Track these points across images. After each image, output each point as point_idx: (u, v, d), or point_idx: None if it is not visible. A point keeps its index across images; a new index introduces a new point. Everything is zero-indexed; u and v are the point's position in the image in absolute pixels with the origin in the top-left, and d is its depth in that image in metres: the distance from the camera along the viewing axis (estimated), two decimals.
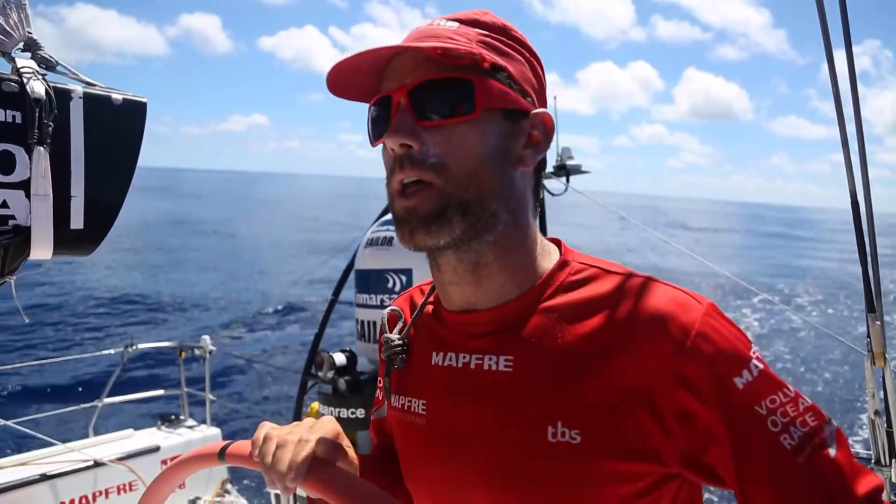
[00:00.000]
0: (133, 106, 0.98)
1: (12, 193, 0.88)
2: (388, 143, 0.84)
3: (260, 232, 47.95)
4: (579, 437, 0.80)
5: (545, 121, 0.89)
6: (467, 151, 0.82)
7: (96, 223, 0.96)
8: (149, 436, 4.91)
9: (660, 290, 0.83)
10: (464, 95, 0.81)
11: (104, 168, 0.95)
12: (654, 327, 0.80)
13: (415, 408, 0.96)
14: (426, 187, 0.82)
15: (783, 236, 70.33)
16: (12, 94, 0.87)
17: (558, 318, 0.85)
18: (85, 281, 23.02)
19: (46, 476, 4.04)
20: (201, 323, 18.33)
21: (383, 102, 0.86)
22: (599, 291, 0.86)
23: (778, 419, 0.78)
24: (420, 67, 0.82)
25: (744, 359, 0.80)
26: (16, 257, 0.90)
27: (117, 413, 9.24)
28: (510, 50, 0.88)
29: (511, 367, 0.86)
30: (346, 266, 4.38)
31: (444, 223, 0.82)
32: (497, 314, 0.89)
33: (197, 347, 5.41)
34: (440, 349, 0.94)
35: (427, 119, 0.82)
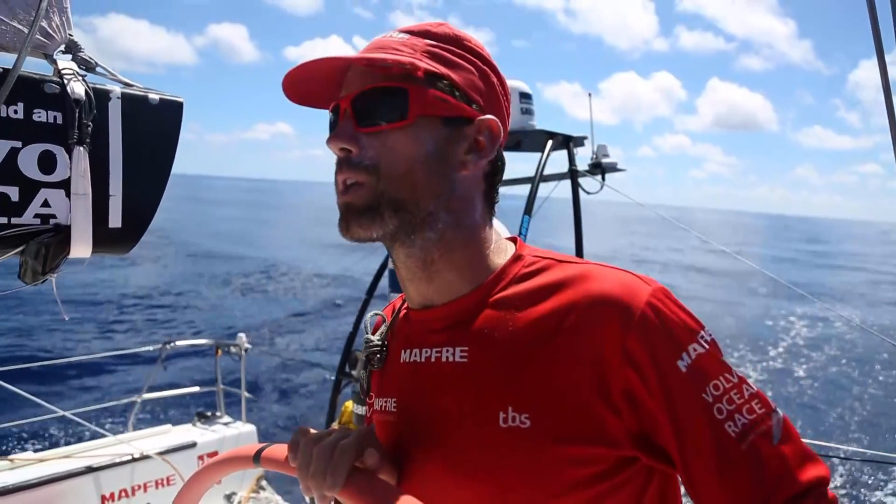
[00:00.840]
0: (169, 106, 0.99)
1: (53, 193, 0.89)
2: (330, 147, 0.90)
3: (290, 236, 48.49)
4: (529, 422, 0.82)
5: (491, 126, 0.91)
6: (400, 155, 0.86)
7: (134, 222, 0.97)
8: (185, 431, 5.00)
9: (609, 274, 0.86)
10: (399, 103, 0.86)
11: (141, 167, 0.96)
12: (601, 308, 0.82)
13: (388, 407, 1.00)
14: (360, 186, 0.87)
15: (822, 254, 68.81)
16: (53, 95, 0.89)
17: (510, 308, 0.89)
18: (124, 278, 23.54)
19: (88, 469, 4.14)
20: (237, 321, 18.60)
21: (335, 110, 0.92)
22: (550, 280, 0.89)
23: (724, 406, 0.80)
24: (364, 77, 0.88)
25: (687, 340, 0.82)
26: (56, 256, 0.92)
27: (155, 408, 9.43)
28: (458, 59, 0.91)
29: (466, 357, 0.90)
30: (381, 265, 4.40)
31: (376, 217, 0.86)
32: (451, 309, 0.93)
33: (233, 345, 5.49)
34: (407, 346, 0.99)
35: (366, 125, 0.87)
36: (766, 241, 77.87)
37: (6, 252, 0.91)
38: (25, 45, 0.86)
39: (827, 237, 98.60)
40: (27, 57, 0.87)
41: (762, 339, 19.25)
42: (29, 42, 0.86)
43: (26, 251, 0.91)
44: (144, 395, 5.32)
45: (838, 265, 50.04)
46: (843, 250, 70.26)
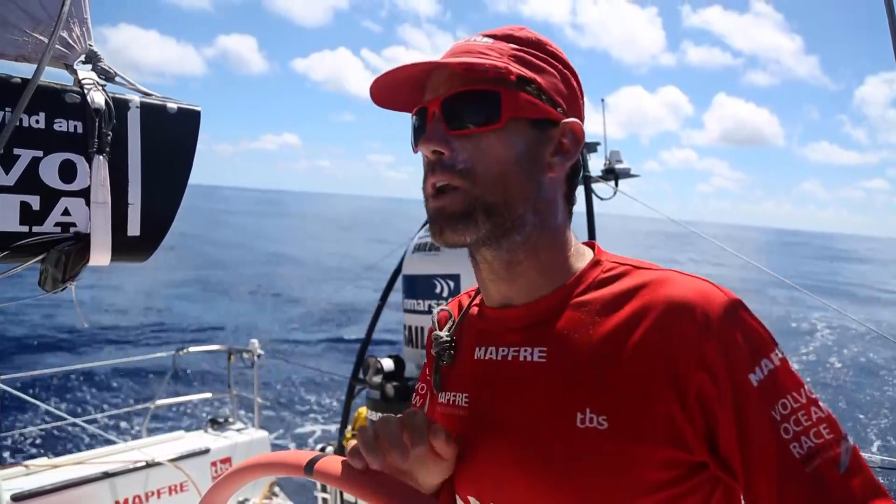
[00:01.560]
0: (187, 114, 1.00)
1: (73, 201, 0.90)
2: (422, 150, 0.91)
3: (300, 245, 48.66)
4: (606, 423, 0.83)
5: (574, 129, 0.93)
6: (493, 158, 0.88)
7: (152, 230, 0.97)
8: (198, 438, 5.01)
9: (688, 281, 0.87)
10: (491, 106, 0.87)
11: (160, 176, 0.97)
12: (679, 313, 0.83)
13: (458, 401, 1.00)
14: (454, 190, 0.88)
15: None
16: (74, 105, 0.90)
17: (589, 312, 0.90)
18: (138, 286, 23.68)
19: (102, 475, 4.16)
20: (250, 328, 18.66)
21: (421, 113, 0.93)
22: (629, 285, 0.89)
23: (790, 426, 0.79)
24: (454, 80, 0.89)
25: (762, 355, 0.81)
26: (76, 263, 0.93)
27: (168, 415, 9.47)
28: (542, 63, 0.92)
29: (545, 357, 0.91)
30: (394, 271, 4.40)
31: (470, 223, 0.87)
32: (531, 309, 0.94)
33: (246, 351, 5.50)
34: (482, 344, 1.00)
35: (457, 128, 0.88)
36: (773, 255, 77.27)
37: (27, 260, 0.91)
38: (46, 55, 0.86)
39: (837, 252, 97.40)
40: (48, 67, 0.88)
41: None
42: (49, 52, 0.87)
43: (47, 259, 0.92)
44: (158, 402, 5.34)
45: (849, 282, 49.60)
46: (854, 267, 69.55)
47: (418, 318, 3.43)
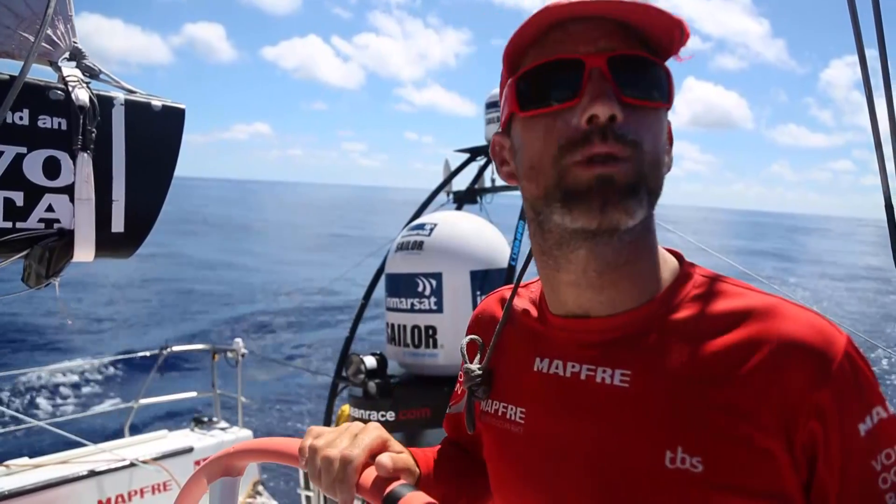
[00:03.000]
0: (172, 112, 1.01)
1: (57, 198, 0.91)
2: (596, 111, 0.72)
3: (278, 238, 48.44)
4: (701, 466, 0.72)
5: (669, 127, 0.83)
6: (656, 138, 0.75)
7: (136, 226, 0.98)
8: (182, 437, 5.00)
9: (800, 314, 0.76)
10: (660, 82, 0.76)
11: (144, 173, 0.98)
12: (795, 352, 0.72)
13: (511, 415, 0.89)
14: (623, 161, 0.72)
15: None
16: (58, 102, 0.90)
17: (682, 334, 0.78)
18: (119, 284, 23.49)
19: (85, 475, 4.14)
20: (234, 326, 18.57)
21: (567, 65, 0.74)
22: (730, 307, 0.78)
23: (890, 477, 0.73)
24: (611, 36, 0.74)
25: (873, 403, 0.74)
26: (60, 260, 0.93)
27: (152, 413, 9.40)
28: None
29: (628, 382, 0.78)
30: (377, 270, 4.41)
31: (639, 202, 0.73)
32: (614, 323, 0.81)
33: (230, 350, 5.49)
34: (545, 355, 0.87)
35: (629, 95, 0.73)
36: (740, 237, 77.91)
37: (11, 256, 0.92)
38: (32, 53, 0.87)
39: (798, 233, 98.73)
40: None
41: None
42: (35, 50, 0.88)
43: (30, 255, 0.92)
44: (141, 401, 5.31)
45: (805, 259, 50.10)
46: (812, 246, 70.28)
47: (401, 317, 3.45)
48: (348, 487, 0.77)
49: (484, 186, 5.31)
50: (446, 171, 5.15)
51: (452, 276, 3.37)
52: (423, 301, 3.36)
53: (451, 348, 3.39)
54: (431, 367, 3.42)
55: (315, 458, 0.80)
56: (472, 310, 3.66)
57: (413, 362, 3.47)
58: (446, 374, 3.41)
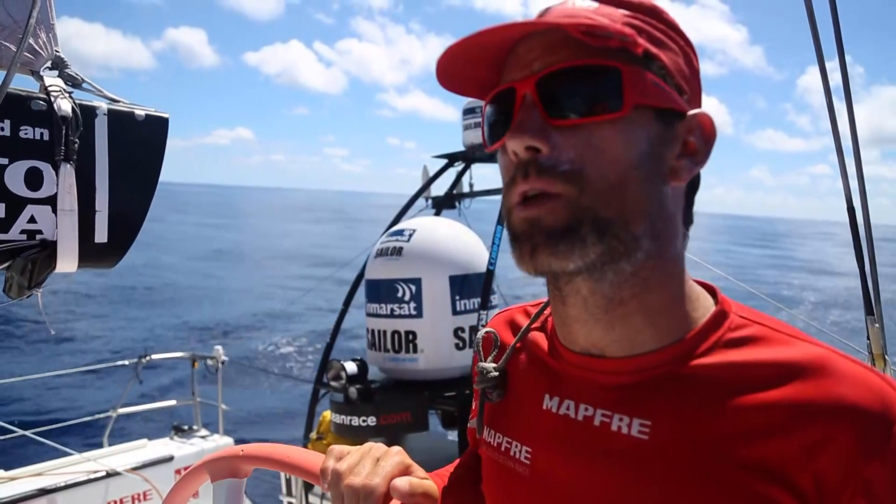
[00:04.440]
0: (155, 121, 1.01)
1: (40, 209, 0.91)
2: (510, 146, 0.67)
3: (260, 244, 48.12)
4: None
5: (703, 124, 0.72)
6: (611, 158, 0.65)
7: (120, 237, 0.98)
8: (162, 445, 4.95)
9: (852, 372, 0.66)
10: (609, 88, 0.65)
11: (127, 183, 0.98)
12: (844, 418, 0.63)
13: (515, 452, 0.81)
14: (554, 197, 0.65)
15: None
16: (40, 113, 0.90)
17: (714, 383, 0.68)
18: (98, 293, 23.19)
19: (63, 486, 4.09)
20: (213, 334, 18.40)
21: (505, 96, 0.69)
22: (767, 358, 0.68)
23: None
24: (552, 52, 0.67)
25: None
26: (42, 270, 0.93)
27: (131, 423, 9.29)
28: (663, 36, 0.71)
29: (647, 433, 0.70)
30: (357, 276, 4.42)
31: (576, 242, 0.65)
32: (634, 365, 0.72)
33: (210, 358, 5.46)
34: (555, 393, 0.78)
35: (560, 117, 0.66)
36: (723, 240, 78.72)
37: None
38: (13, 63, 0.87)
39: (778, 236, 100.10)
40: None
41: None
42: (17, 59, 0.88)
43: (12, 267, 0.92)
44: (119, 410, 5.26)
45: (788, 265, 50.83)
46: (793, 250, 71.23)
47: (381, 322, 3.46)
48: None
49: (462, 192, 5.34)
50: (425, 177, 5.17)
51: (432, 282, 3.39)
52: (403, 306, 3.37)
53: (430, 353, 3.41)
54: (412, 371, 3.43)
55: (338, 485, 0.77)
56: (451, 314, 3.70)
57: (393, 367, 3.48)
58: (426, 379, 3.42)
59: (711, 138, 0.72)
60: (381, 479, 0.76)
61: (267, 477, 7.30)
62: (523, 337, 0.86)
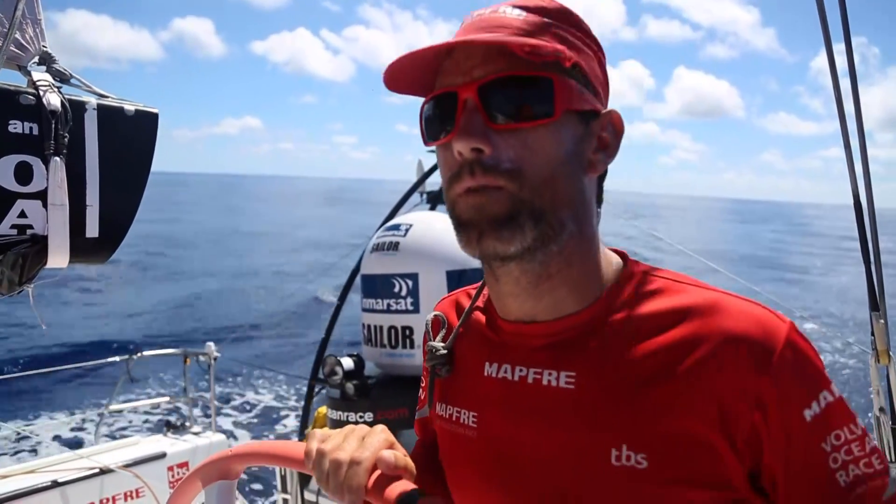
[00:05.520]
0: (145, 116, 1.00)
1: (30, 203, 0.90)
2: (457, 147, 0.75)
3: (260, 236, 48.02)
4: (646, 462, 0.74)
5: (615, 121, 0.82)
6: (544, 157, 0.75)
7: (111, 231, 0.97)
8: (155, 442, 4.93)
9: (742, 308, 0.77)
10: (542, 96, 0.74)
11: (118, 177, 0.97)
12: (734, 347, 0.74)
13: (464, 419, 0.91)
14: (496, 190, 0.74)
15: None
16: (29, 107, 0.89)
17: (625, 333, 0.80)
18: (89, 288, 23.10)
19: (54, 484, 4.06)
20: (206, 329, 18.36)
21: (447, 99, 0.77)
22: (671, 305, 0.79)
23: (840, 456, 0.74)
24: (490, 61, 0.75)
25: (818, 387, 0.75)
26: (34, 266, 0.92)
27: (123, 420, 9.27)
28: (581, 43, 0.80)
29: (573, 383, 0.80)
30: (352, 271, 4.40)
31: (516, 229, 0.75)
32: (558, 327, 0.83)
33: (202, 354, 5.43)
34: (494, 360, 0.88)
35: (499, 121, 0.74)
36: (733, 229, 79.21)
37: None
38: (0, 57, 0.86)
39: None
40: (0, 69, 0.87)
41: None
42: (3, 54, 0.87)
43: (3, 262, 0.91)
44: (111, 407, 5.23)
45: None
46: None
47: (377, 318, 3.45)
48: (357, 489, 0.76)
49: None
50: (419, 172, 5.16)
51: (429, 277, 3.37)
52: (400, 302, 3.36)
53: None
54: (408, 367, 3.42)
55: (323, 461, 0.79)
56: None
57: (390, 363, 3.47)
58: None
59: (621, 133, 0.83)
60: (370, 453, 0.78)
61: (262, 474, 7.30)
62: (467, 316, 0.96)
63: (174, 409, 5.97)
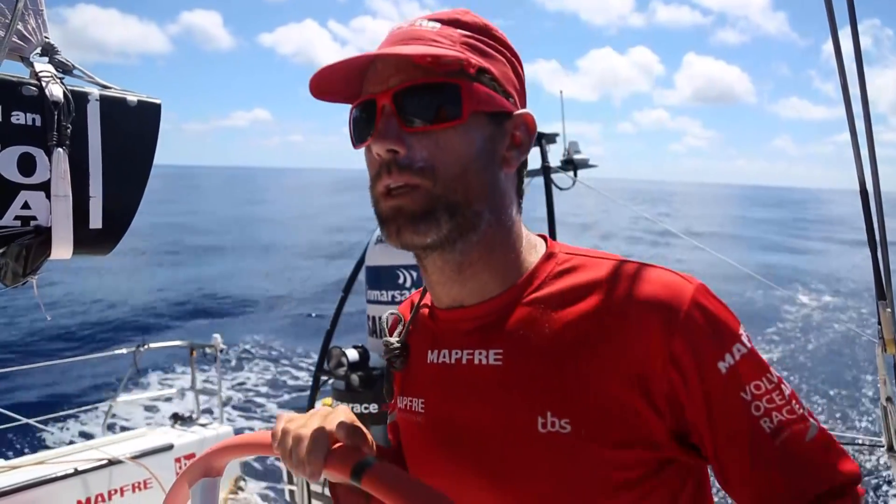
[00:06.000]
0: (147, 107, 1.00)
1: (33, 195, 0.90)
2: (375, 149, 0.84)
3: (267, 228, 48.08)
4: (569, 426, 0.80)
5: (527, 121, 0.90)
6: (455, 155, 0.83)
7: (114, 223, 0.97)
8: (162, 434, 4.96)
9: (649, 273, 0.84)
10: (451, 100, 0.82)
11: (121, 168, 0.97)
12: (643, 309, 0.80)
13: (415, 407, 0.98)
14: (413, 189, 0.82)
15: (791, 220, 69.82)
16: (32, 98, 0.89)
17: (545, 309, 0.86)
18: (97, 280, 23.19)
19: (63, 475, 4.09)
20: (212, 321, 18.43)
21: (367, 106, 0.86)
22: (586, 279, 0.86)
23: (761, 404, 0.80)
24: (404, 70, 0.83)
25: (730, 341, 0.81)
26: (37, 257, 0.92)
27: (131, 412, 9.32)
28: (492, 51, 0.88)
29: (500, 360, 0.87)
30: (357, 262, 4.40)
31: (432, 222, 0.82)
32: (483, 309, 0.90)
33: (208, 346, 5.45)
34: (434, 347, 0.96)
35: (413, 124, 0.82)
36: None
37: None
38: (2, 48, 0.86)
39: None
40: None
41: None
42: (6, 45, 0.86)
43: (7, 253, 0.91)
44: (119, 399, 5.26)
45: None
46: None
47: (382, 309, 3.45)
48: (316, 461, 0.81)
49: None
50: None
51: None
52: (405, 293, 3.36)
53: None
54: None
55: (287, 439, 0.84)
56: None
57: None
58: None
59: (533, 132, 0.90)
60: (330, 428, 0.84)
61: (270, 468, 7.34)
62: (416, 311, 1.03)
63: (181, 400, 6.00)
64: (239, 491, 5.14)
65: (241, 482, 5.21)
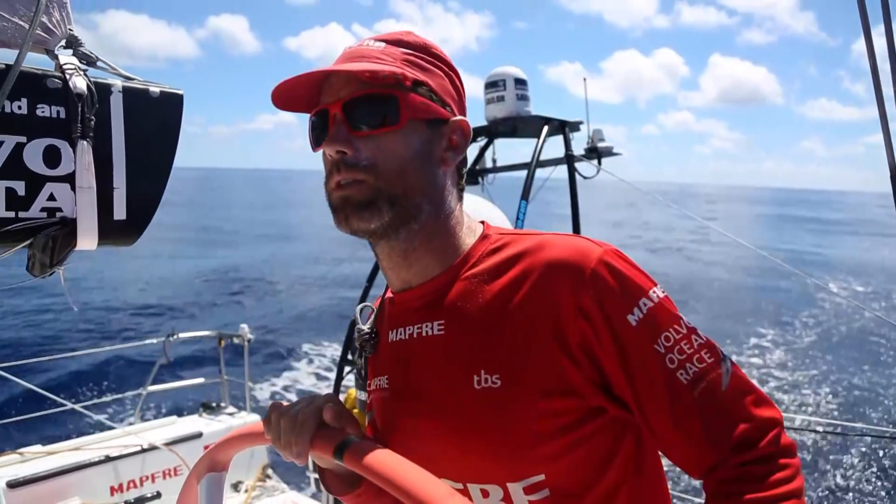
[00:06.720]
0: (170, 98, 1.01)
1: (59, 186, 0.91)
2: (327, 150, 0.98)
3: (295, 226, 48.44)
4: (499, 381, 0.91)
5: (462, 126, 1.03)
6: (394, 155, 0.95)
7: (138, 213, 0.98)
8: (191, 422, 5.05)
9: (562, 240, 0.95)
10: (390, 108, 0.95)
11: (144, 159, 0.98)
12: (556, 270, 0.91)
13: (382, 384, 1.09)
14: (359, 183, 0.95)
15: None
16: (56, 90, 0.90)
17: (479, 283, 0.98)
18: (128, 273, 23.57)
19: (98, 461, 4.19)
20: (241, 311, 18.65)
21: (321, 114, 0.99)
22: (512, 252, 0.98)
23: (675, 356, 0.88)
24: (352, 83, 0.96)
25: (638, 294, 0.90)
26: (63, 248, 0.93)
27: (161, 400, 9.48)
28: (431, 66, 1.01)
29: (443, 329, 0.99)
30: None
31: (374, 211, 0.94)
32: (428, 288, 1.02)
33: (236, 336, 5.52)
34: (393, 327, 1.08)
35: (359, 129, 0.95)
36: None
37: (14, 245, 0.92)
38: (27, 41, 0.87)
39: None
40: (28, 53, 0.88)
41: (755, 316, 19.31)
42: (30, 38, 0.87)
43: (34, 244, 0.92)
44: (150, 388, 5.35)
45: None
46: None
47: None
48: (302, 443, 0.92)
49: (486, 167, 5.29)
50: None
51: None
52: None
53: None
54: None
55: (277, 425, 0.95)
56: None
57: None
58: None
59: (468, 136, 1.04)
60: (315, 410, 0.95)
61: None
62: (382, 299, 1.15)
63: (210, 388, 6.09)
64: (266, 479, 5.21)
65: (268, 470, 5.28)
